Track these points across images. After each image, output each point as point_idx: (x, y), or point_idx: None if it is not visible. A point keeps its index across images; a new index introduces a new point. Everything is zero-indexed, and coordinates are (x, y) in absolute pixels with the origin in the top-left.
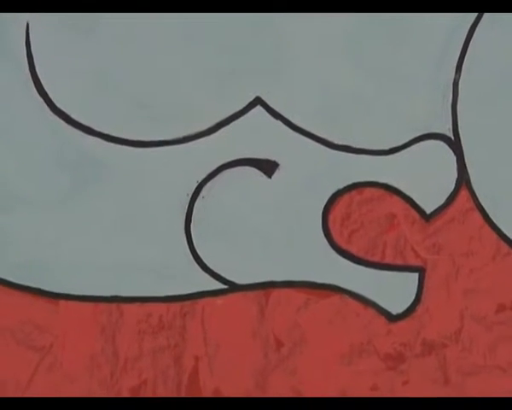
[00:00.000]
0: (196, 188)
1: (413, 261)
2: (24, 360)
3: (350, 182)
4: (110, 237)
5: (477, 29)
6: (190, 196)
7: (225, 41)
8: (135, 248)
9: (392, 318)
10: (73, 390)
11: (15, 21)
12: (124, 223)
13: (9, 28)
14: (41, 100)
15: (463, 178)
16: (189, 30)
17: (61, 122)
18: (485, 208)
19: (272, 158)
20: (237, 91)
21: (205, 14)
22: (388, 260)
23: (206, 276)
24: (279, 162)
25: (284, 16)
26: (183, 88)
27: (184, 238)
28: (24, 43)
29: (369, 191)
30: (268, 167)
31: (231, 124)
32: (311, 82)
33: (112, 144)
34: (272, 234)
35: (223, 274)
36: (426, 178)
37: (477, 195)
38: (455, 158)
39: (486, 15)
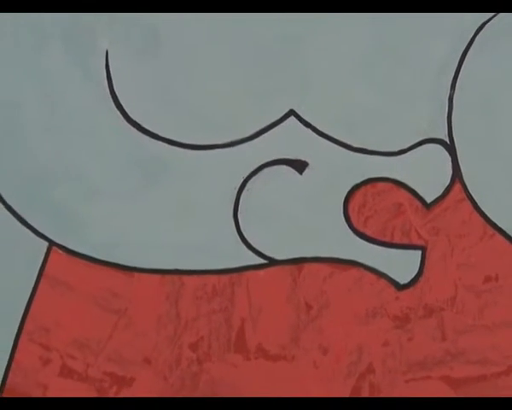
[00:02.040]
0: (242, 183)
1: (416, 241)
2: (104, 321)
3: (365, 178)
4: (173, 223)
5: (467, 54)
6: (237, 189)
7: (264, 64)
8: (193, 232)
9: (399, 287)
10: (144, 345)
11: (97, 49)
12: (183, 211)
13: (92, 55)
14: (118, 112)
15: (457, 175)
16: (234, 56)
17: (134, 130)
18: (475, 198)
19: (303, 158)
20: (274, 105)
21: (247, 43)
22: (396, 240)
23: (250, 253)
24: (308, 162)
25: (310, 42)
26: (231, 102)
27: (233, 223)
28: (104, 67)
29: (380, 185)
30: (299, 166)
31: (270, 131)
32: (334, 96)
33: (174, 147)
34: (303, 219)
35: (264, 251)
36: (427, 174)
37: (468, 188)
38: (450, 158)
39: (476, 43)
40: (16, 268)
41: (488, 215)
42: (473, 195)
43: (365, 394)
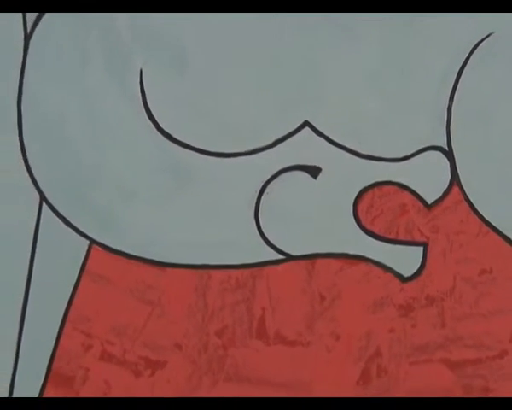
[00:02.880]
0: (262, 187)
1: (418, 238)
2: (139, 311)
3: (373, 181)
4: (200, 222)
5: (464, 70)
6: (257, 192)
7: (282, 80)
8: (218, 230)
9: (404, 279)
10: (175, 332)
11: (133, 68)
12: (210, 212)
13: (128, 73)
14: (150, 123)
15: (455, 179)
16: (255, 73)
17: (165, 140)
18: (471, 200)
19: (316, 165)
20: (291, 117)
21: (267, 62)
22: (401, 237)
23: (270, 249)
24: (321, 168)
25: (324, 61)
26: (253, 114)
27: (254, 223)
28: (138, 83)
29: (386, 188)
30: (313, 171)
31: (287, 140)
32: (344, 109)
33: (201, 155)
34: (316, 219)
35: (281, 248)
36: (428, 178)
37: (465, 190)
38: (448, 164)
39: (472, 60)
40: (61, 264)
41: (483, 215)
42: (469, 197)
43: (373, 375)
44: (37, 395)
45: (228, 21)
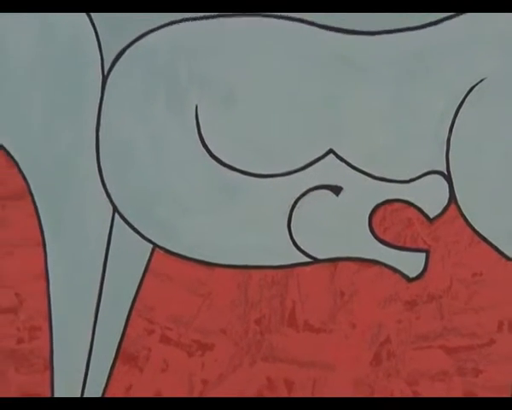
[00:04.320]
0: (294, 202)
1: (422, 246)
2: (192, 302)
3: (384, 199)
4: (243, 231)
5: (461, 109)
6: (290, 206)
7: (311, 115)
8: (257, 238)
9: (409, 279)
10: (221, 320)
11: (189, 104)
12: (250, 222)
13: (186, 108)
14: (203, 150)
15: (452, 198)
16: (288, 109)
17: (215, 163)
18: (466, 216)
19: (339, 184)
20: (318, 145)
21: (299, 100)
22: (407, 244)
23: (299, 254)
24: (342, 187)
25: (345, 99)
26: (287, 143)
27: (287, 231)
28: (194, 117)
29: (396, 204)
30: (336, 190)
31: (315, 164)
32: (362, 139)
33: (245, 176)
34: (338, 229)
35: (309, 252)
36: (430, 197)
37: (461, 208)
38: (447, 185)
39: (467, 100)
40: (129, 263)
41: (475, 228)
42: (464, 213)
43: (384, 358)
44: (108, 370)
45: (266, 66)
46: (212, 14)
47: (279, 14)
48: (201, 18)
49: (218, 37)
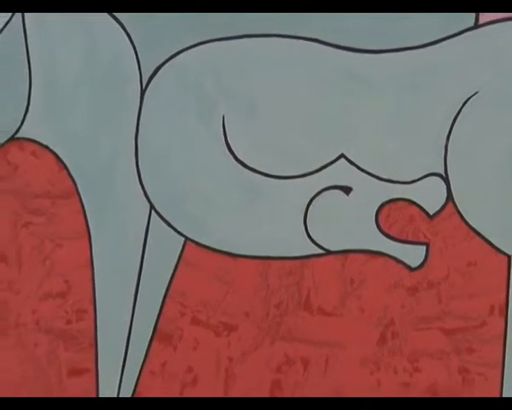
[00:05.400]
0: (309, 200)
1: (423, 239)
2: (219, 289)
3: (389, 198)
4: (264, 226)
5: (457, 118)
6: (306, 204)
7: (325, 124)
8: (277, 232)
9: (412, 269)
10: (245, 304)
11: (217, 114)
12: (271, 218)
13: (214, 118)
14: (229, 155)
15: (450, 197)
16: (304, 118)
17: (240, 166)
18: (461, 213)
19: (349, 185)
20: (331, 150)
21: (313, 110)
22: (410, 238)
23: (314, 246)
24: (352, 187)
25: (355, 109)
26: (303, 148)
27: (303, 227)
28: (221, 126)
29: (399, 203)
30: (346, 190)
31: (328, 167)
32: (370, 145)
33: (266, 177)
34: (348, 225)
35: (323, 245)
36: (430, 196)
37: (457, 206)
38: (445, 186)
39: (463, 111)
40: (164, 254)
41: (470, 224)
42: (460, 210)
43: (389, 338)
44: (145, 348)
45: (284, 81)
46: (237, 35)
47: (297, 35)
48: (227, 38)
49: (241, 55)
